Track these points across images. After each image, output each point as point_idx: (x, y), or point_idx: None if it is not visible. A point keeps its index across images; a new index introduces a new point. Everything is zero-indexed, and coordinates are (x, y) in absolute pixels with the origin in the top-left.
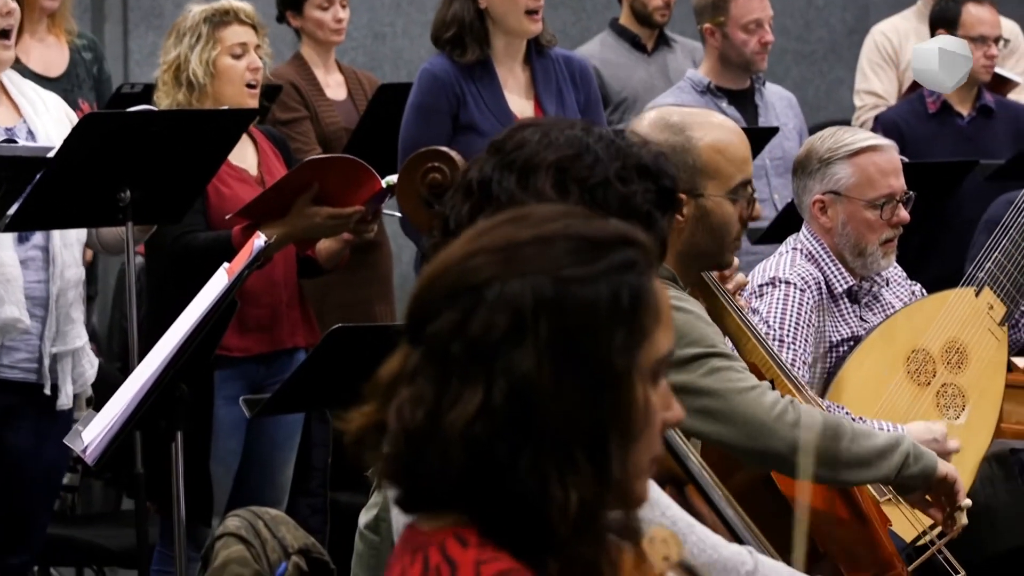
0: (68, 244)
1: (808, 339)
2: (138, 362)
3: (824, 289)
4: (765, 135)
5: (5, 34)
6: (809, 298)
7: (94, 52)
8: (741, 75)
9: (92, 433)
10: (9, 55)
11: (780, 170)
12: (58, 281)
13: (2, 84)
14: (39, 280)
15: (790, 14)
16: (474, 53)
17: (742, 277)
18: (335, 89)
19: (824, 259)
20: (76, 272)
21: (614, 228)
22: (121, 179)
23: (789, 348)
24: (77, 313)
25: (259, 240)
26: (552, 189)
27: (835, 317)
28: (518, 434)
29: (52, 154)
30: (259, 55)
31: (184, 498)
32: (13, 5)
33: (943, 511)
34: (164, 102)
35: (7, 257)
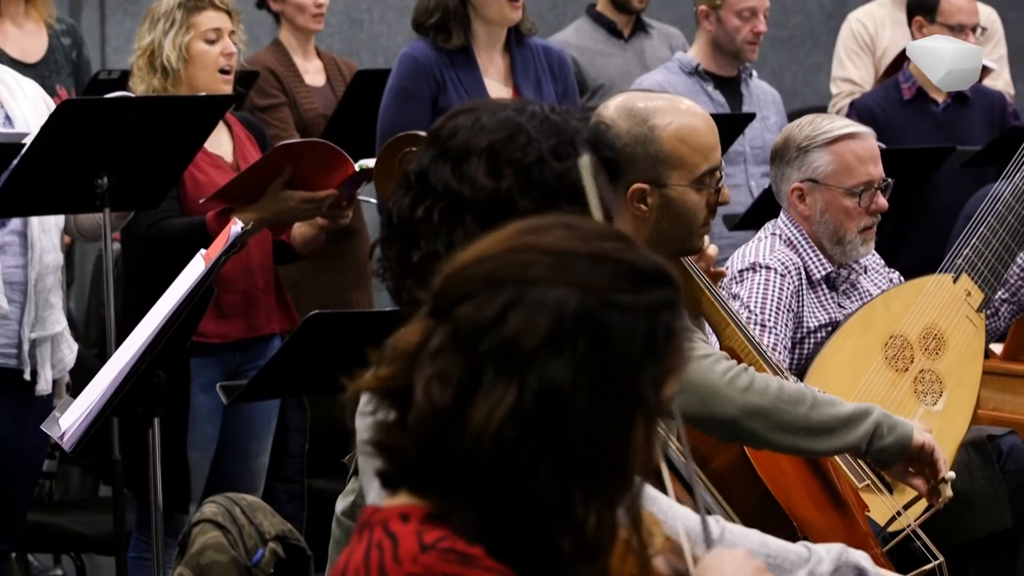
0: (46, 229)
1: (788, 324)
2: (115, 348)
3: (803, 275)
4: (743, 121)
5: None
6: (789, 283)
7: (73, 37)
8: (730, 62)
9: (69, 419)
10: None
11: (759, 159)
12: (36, 266)
13: None
14: (17, 265)
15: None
16: (458, 39)
17: (714, 249)
18: (314, 75)
19: (803, 245)
20: (55, 257)
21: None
22: (98, 165)
23: (770, 332)
24: (56, 298)
25: (236, 226)
26: (486, 175)
27: (813, 303)
28: (543, 444)
29: (29, 140)
30: (233, 41)
31: (161, 484)
32: None
33: (927, 483)
34: (139, 88)
35: None
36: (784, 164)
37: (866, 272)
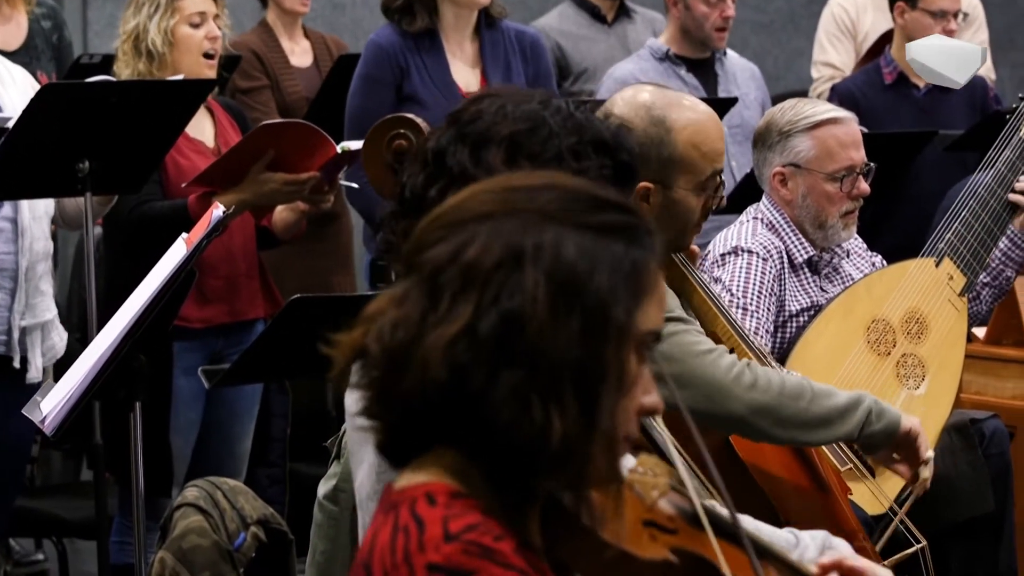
0: (37, 217)
1: (771, 307)
2: (97, 333)
3: (785, 259)
4: (724, 105)
5: None
6: (771, 267)
7: (53, 20)
8: (699, 47)
9: (51, 404)
10: None
11: (738, 138)
12: (27, 254)
13: None
14: (8, 252)
15: None
16: (423, 21)
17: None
18: (300, 56)
19: (785, 229)
20: (45, 245)
21: (617, 195)
22: (79, 149)
23: (752, 316)
24: (46, 286)
25: (217, 210)
26: (503, 164)
27: (795, 287)
28: (501, 359)
29: (10, 124)
30: (218, 25)
31: (143, 469)
32: None
33: (910, 468)
34: (124, 72)
35: None
36: (766, 148)
37: (848, 256)
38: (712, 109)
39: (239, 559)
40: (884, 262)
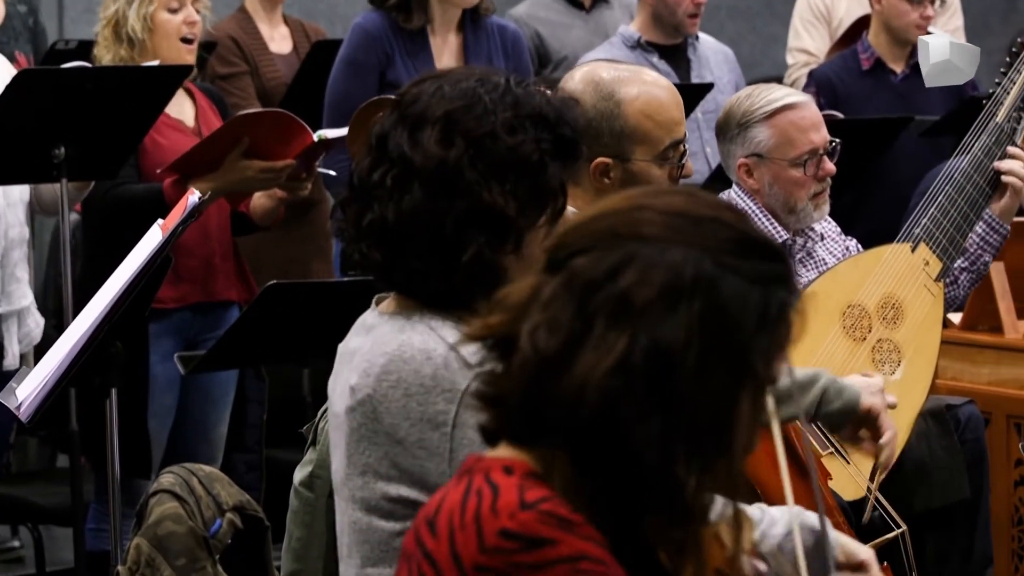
0: (12, 204)
1: None
2: (73, 319)
3: None
4: (699, 91)
5: None
6: None
7: (28, 5)
8: (671, 32)
9: (26, 390)
10: None
11: (712, 123)
12: (3, 241)
13: None
14: None
15: None
16: (419, 20)
17: None
18: (280, 42)
19: (757, 215)
20: (20, 231)
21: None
22: (55, 135)
23: None
24: (22, 272)
25: (193, 196)
26: (437, 144)
27: None
28: (651, 400)
29: None
30: (197, 9)
31: (119, 455)
32: None
33: (875, 446)
34: (105, 57)
35: None
36: (728, 141)
37: (822, 240)
38: (673, 86)
39: (215, 545)
40: (859, 246)
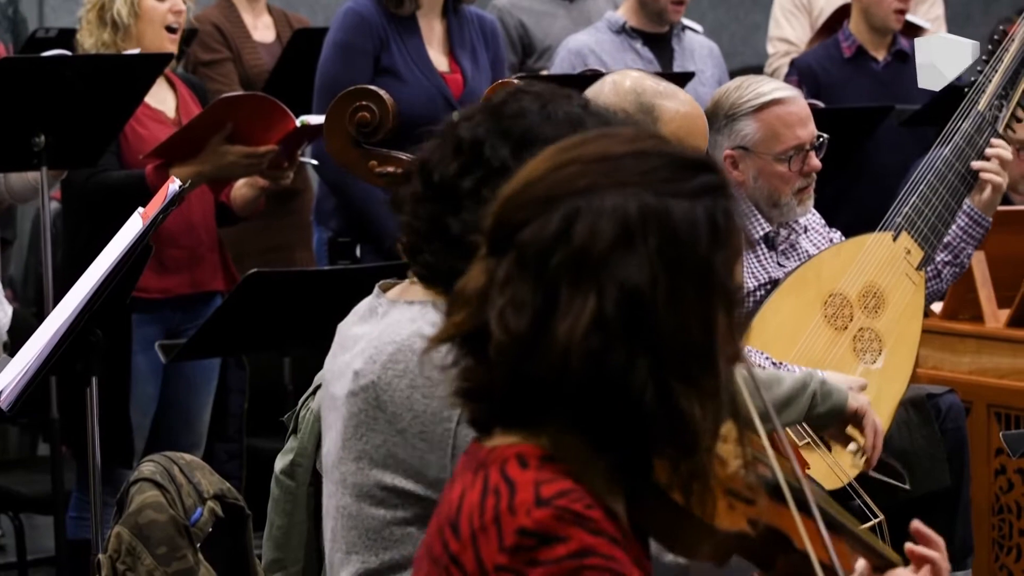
0: None
1: None
2: (53, 307)
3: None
4: (680, 80)
5: None
6: None
7: None
8: (655, 19)
9: (7, 379)
10: None
11: None
12: None
13: None
14: None
15: None
16: (410, 6)
17: None
18: (263, 31)
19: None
20: None
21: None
22: (35, 124)
23: None
24: None
25: (174, 184)
26: None
27: (752, 263)
28: (633, 343)
29: None
30: None
31: (100, 443)
32: None
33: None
34: (88, 41)
35: None
36: (715, 132)
37: (806, 232)
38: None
39: (196, 534)
40: (843, 238)
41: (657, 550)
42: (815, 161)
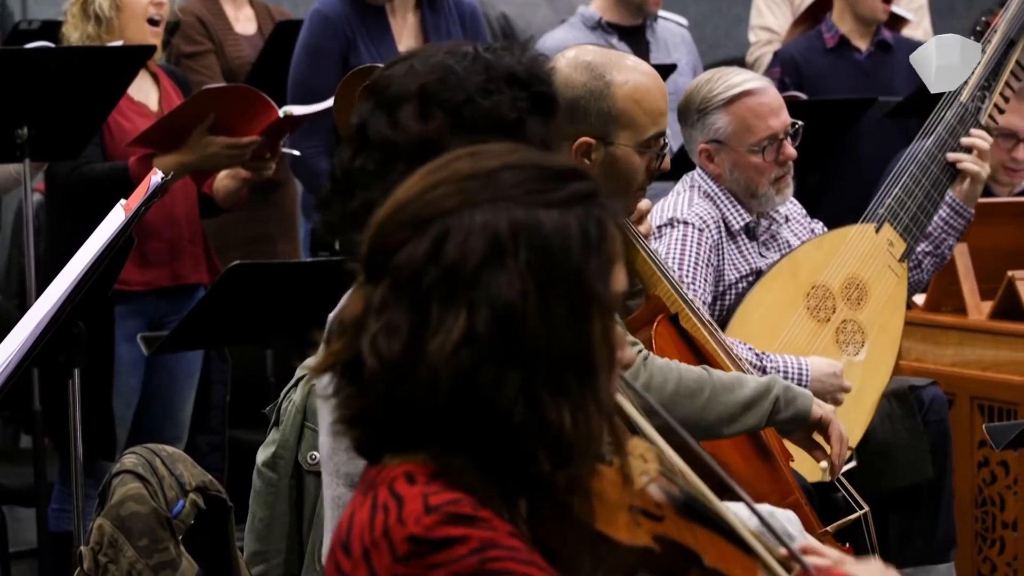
0: None
1: (708, 278)
2: (36, 299)
3: (722, 228)
4: (662, 72)
5: None
6: (708, 238)
7: None
8: (633, 12)
9: None
10: None
11: (673, 106)
12: None
13: None
14: None
15: None
16: None
17: (647, 203)
18: (244, 24)
19: (720, 198)
20: None
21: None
22: (18, 116)
23: (689, 288)
24: None
25: (156, 176)
26: (416, 119)
27: (733, 253)
28: (504, 359)
29: None
30: None
31: (82, 436)
32: None
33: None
34: (73, 35)
35: None
36: (688, 126)
37: (787, 222)
38: (660, 78)
39: (178, 526)
40: (824, 228)
41: None
42: (790, 149)
